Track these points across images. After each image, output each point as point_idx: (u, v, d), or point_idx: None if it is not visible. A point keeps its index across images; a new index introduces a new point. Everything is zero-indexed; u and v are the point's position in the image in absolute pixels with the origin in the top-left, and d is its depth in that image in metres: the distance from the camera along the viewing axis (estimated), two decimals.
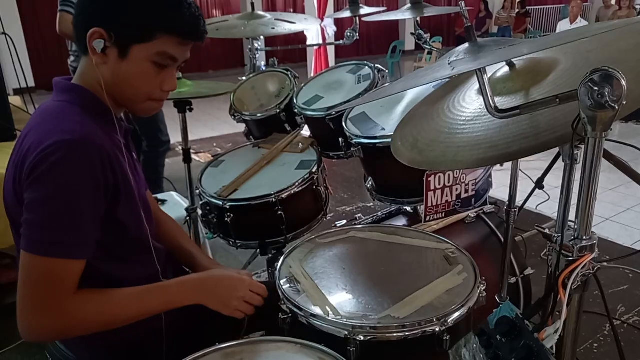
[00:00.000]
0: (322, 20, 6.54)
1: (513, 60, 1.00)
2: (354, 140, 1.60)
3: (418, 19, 2.20)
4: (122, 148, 0.99)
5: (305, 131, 1.97)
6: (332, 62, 7.25)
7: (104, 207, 0.92)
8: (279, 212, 1.56)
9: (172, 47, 0.92)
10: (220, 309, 1.02)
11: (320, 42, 6.89)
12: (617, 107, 0.69)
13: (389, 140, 1.27)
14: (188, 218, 2.16)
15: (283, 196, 1.57)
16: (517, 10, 10.45)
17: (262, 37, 2.62)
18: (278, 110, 1.95)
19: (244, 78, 2.23)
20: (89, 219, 0.88)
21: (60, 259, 0.86)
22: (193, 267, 1.24)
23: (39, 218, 0.84)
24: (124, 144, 1.01)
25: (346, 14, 2.40)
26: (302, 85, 2.01)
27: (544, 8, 12.36)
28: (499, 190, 1.96)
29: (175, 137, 2.99)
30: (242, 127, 2.21)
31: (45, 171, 0.83)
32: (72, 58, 3.53)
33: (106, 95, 0.95)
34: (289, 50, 10.55)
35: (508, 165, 1.43)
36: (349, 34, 2.40)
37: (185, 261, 1.26)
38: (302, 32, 6.72)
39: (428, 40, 2.24)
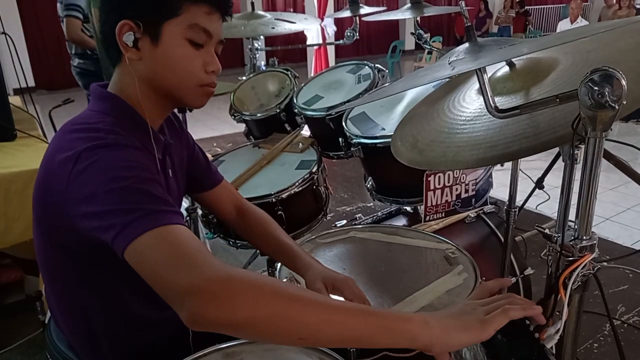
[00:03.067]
0: (322, 20, 6.56)
1: (513, 60, 1.00)
2: (354, 140, 1.60)
3: (418, 18, 2.20)
4: (156, 164, 0.92)
5: (305, 131, 1.97)
6: (332, 61, 7.27)
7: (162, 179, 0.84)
8: (279, 212, 1.56)
9: (202, 18, 0.89)
10: (475, 332, 0.73)
11: (320, 41, 6.91)
12: (617, 107, 0.69)
13: (389, 140, 1.27)
14: (188, 218, 2.16)
15: (283, 196, 1.57)
16: (516, 10, 10.46)
17: (262, 37, 2.62)
18: (278, 110, 1.95)
19: (244, 78, 2.23)
20: (157, 185, 0.79)
21: (162, 227, 0.72)
22: (293, 262, 1.09)
23: (108, 207, 0.74)
24: (159, 159, 0.96)
25: (346, 13, 2.40)
26: (302, 85, 2.01)
27: (544, 8, 12.37)
28: (499, 190, 1.96)
29: None
30: (242, 127, 2.21)
31: (85, 170, 0.77)
32: (76, 61, 3.53)
33: (145, 102, 0.92)
34: (289, 50, 10.57)
35: (508, 165, 1.43)
36: (349, 33, 2.39)
37: (281, 256, 1.13)
38: (302, 32, 6.73)
39: (428, 40, 2.23)
